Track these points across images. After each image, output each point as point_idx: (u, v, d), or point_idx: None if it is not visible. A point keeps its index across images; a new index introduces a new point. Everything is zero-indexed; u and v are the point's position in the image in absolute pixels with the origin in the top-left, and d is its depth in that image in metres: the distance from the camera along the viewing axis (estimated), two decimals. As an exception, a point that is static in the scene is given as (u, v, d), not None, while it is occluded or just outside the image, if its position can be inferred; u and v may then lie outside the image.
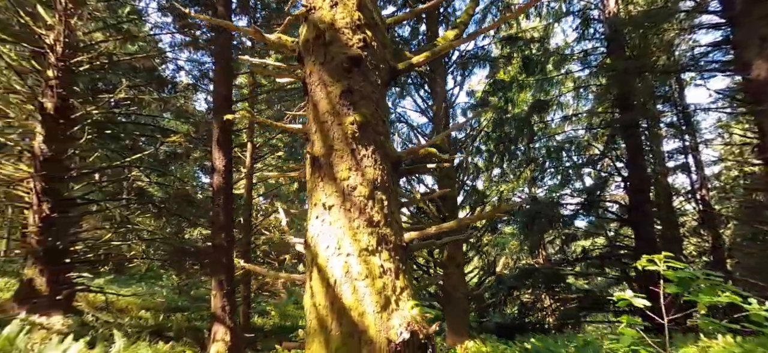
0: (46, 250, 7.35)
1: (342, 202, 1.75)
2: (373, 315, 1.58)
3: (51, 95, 8.11)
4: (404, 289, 1.74)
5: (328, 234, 1.75)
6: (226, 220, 5.60)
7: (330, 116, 1.86)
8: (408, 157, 2.08)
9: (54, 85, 8.09)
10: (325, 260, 1.72)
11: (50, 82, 8.09)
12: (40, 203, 7.59)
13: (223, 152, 5.71)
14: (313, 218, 1.83)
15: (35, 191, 7.63)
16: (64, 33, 8.42)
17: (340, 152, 1.81)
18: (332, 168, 1.80)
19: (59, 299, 7.50)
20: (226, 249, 5.51)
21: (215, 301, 5.29)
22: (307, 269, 1.88)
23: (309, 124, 1.99)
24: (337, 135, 1.83)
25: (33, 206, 7.77)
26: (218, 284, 5.35)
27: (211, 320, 5.36)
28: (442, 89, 7.86)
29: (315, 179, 1.86)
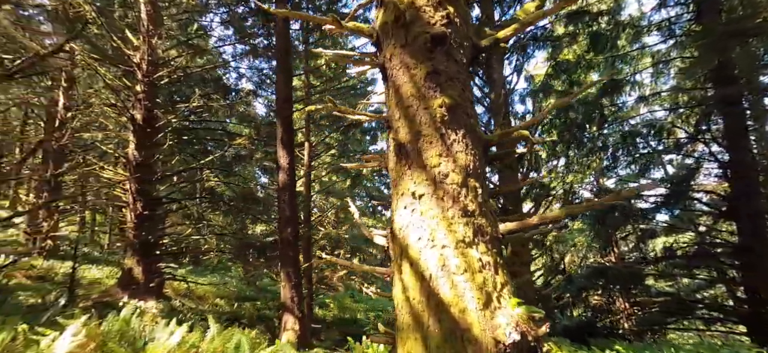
0: (141, 243, 8.42)
1: (433, 190, 1.63)
2: (476, 312, 1.45)
3: (139, 108, 9.23)
4: (504, 285, 1.58)
5: (419, 225, 1.64)
6: (292, 215, 5.86)
7: (415, 100, 1.75)
8: (500, 140, 1.90)
9: (141, 99, 9.19)
10: (417, 253, 1.62)
11: (139, 96, 9.20)
12: (135, 202, 8.71)
13: (287, 151, 5.98)
14: (401, 209, 1.74)
15: (131, 192, 8.77)
16: (147, 52, 9.51)
17: (428, 138, 1.69)
18: (421, 155, 1.69)
19: (152, 286, 8.55)
20: (292, 243, 5.78)
21: (284, 292, 5.58)
22: (394, 261, 1.80)
23: (390, 110, 1.90)
24: (424, 120, 1.71)
25: (129, 205, 8.94)
26: (286, 275, 5.63)
27: (280, 309, 5.67)
28: (500, 76, 7.38)
29: (401, 168, 1.76)
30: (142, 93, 9.09)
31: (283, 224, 5.72)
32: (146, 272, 8.49)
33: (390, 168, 1.88)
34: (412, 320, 1.57)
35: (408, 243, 1.67)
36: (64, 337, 2.04)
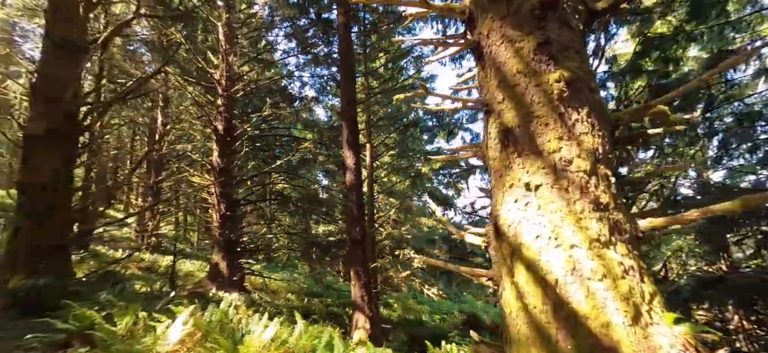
0: (225, 241, 9.36)
1: (554, 180, 1.38)
2: (624, 328, 1.17)
3: (221, 120, 10.27)
4: (654, 296, 1.27)
5: (536, 221, 1.41)
6: (359, 214, 5.94)
7: (523, 77, 1.52)
8: (632, 119, 1.57)
9: (222, 111, 10.22)
10: (535, 254, 1.39)
11: (220, 109, 10.26)
12: (219, 204, 9.72)
13: (353, 151, 6.09)
14: (511, 203, 1.52)
15: (216, 194, 9.81)
16: (225, 69, 10.53)
17: (543, 119, 1.45)
18: (534, 140, 1.46)
19: (235, 279, 9.45)
20: (360, 242, 5.85)
21: (354, 291, 5.67)
22: (501, 263, 1.59)
23: (489, 93, 1.69)
24: (536, 98, 1.48)
25: (214, 206, 10.01)
26: (355, 274, 5.71)
27: (352, 308, 5.77)
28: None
29: (508, 156, 1.54)
30: (223, 106, 10.11)
31: (351, 223, 5.81)
32: (230, 267, 9.41)
33: (491, 158, 1.67)
34: (532, 332, 1.34)
35: (521, 242, 1.45)
36: (175, 325, 2.25)
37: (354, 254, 5.76)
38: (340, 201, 11.67)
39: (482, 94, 1.77)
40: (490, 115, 1.69)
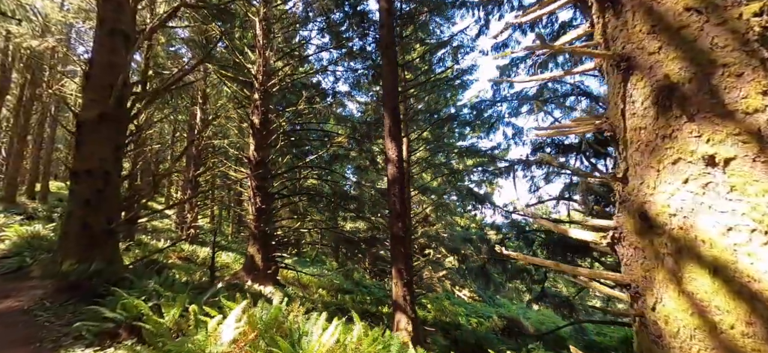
0: (260, 234, 9.43)
1: (759, 150, 0.98)
2: None
3: (257, 113, 10.35)
4: None
5: (724, 208, 1.01)
6: (402, 209, 5.64)
7: (697, 14, 1.12)
8: None
9: (259, 106, 10.30)
10: (728, 254, 0.99)
11: (256, 103, 10.34)
12: (254, 197, 9.81)
13: (396, 142, 5.80)
14: (675, 184, 1.13)
15: (251, 187, 9.91)
16: (262, 64, 10.60)
17: (733, 68, 1.04)
18: (719, 96, 1.05)
19: (269, 272, 9.50)
20: (403, 238, 5.55)
21: (396, 289, 5.37)
22: (651, 265, 1.19)
23: (631, 43, 1.29)
24: (721, 41, 1.07)
25: (250, 199, 10.12)
26: (398, 273, 5.42)
27: (392, 307, 5.49)
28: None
29: (669, 122, 1.15)
30: (259, 100, 10.19)
31: (394, 218, 5.52)
32: (264, 259, 9.46)
33: (634, 128, 1.28)
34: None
35: (697, 236, 1.06)
36: (228, 323, 2.06)
37: (396, 251, 5.47)
38: (372, 198, 11.45)
39: (615, 46, 1.38)
40: (633, 72, 1.29)
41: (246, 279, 9.07)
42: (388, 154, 5.73)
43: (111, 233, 4.36)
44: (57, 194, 18.90)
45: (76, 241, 4.13)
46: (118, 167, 4.63)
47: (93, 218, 4.23)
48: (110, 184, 4.44)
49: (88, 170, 4.28)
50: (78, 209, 4.21)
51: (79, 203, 4.23)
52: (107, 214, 4.36)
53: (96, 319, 2.55)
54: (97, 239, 4.23)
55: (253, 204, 9.68)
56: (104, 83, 4.51)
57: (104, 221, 4.31)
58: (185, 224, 15.59)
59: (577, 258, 8.57)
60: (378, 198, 12.17)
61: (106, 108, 4.45)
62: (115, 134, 4.55)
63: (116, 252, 4.51)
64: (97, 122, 4.38)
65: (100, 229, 4.24)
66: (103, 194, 4.33)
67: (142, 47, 8.46)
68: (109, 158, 4.44)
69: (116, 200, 4.54)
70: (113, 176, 4.49)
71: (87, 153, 4.33)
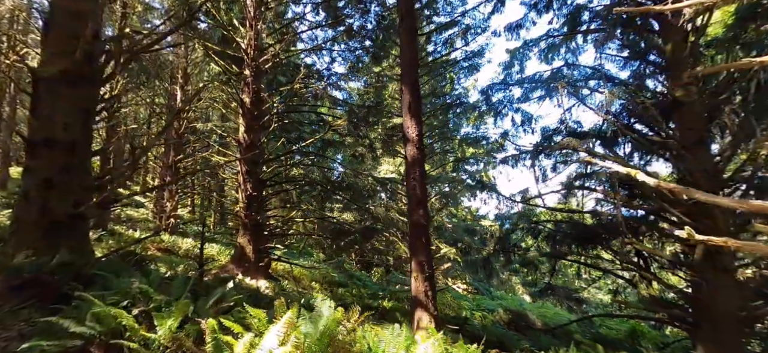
0: (252, 223, 8.62)
1: None
2: None
3: (248, 92, 9.41)
4: None
5: None
6: (423, 195, 5.04)
7: None
8: None
9: (250, 83, 9.37)
10: None
11: (247, 80, 9.41)
12: (245, 183, 8.95)
13: (416, 120, 5.17)
14: None
15: (242, 173, 9.03)
16: (254, 37, 9.64)
17: None
18: None
19: (261, 265, 8.73)
20: (424, 227, 4.96)
21: (416, 284, 4.79)
22: None
23: None
24: None
25: (240, 185, 9.26)
26: (419, 266, 4.84)
27: (411, 304, 4.91)
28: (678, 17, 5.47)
29: None
30: (251, 77, 9.26)
31: (414, 205, 4.91)
32: (256, 251, 8.68)
33: None
34: None
35: None
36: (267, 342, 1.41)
37: (417, 242, 4.87)
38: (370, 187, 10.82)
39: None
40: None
41: (236, 271, 8.27)
42: (408, 133, 5.08)
43: (79, 218, 3.54)
44: (18, 180, 17.19)
45: (33, 228, 3.30)
46: (88, 137, 3.78)
47: (55, 200, 3.39)
48: (77, 158, 3.60)
49: (48, 139, 3.42)
50: (36, 188, 3.36)
51: (36, 181, 3.38)
52: (74, 195, 3.52)
53: (58, 334, 1.82)
54: (61, 226, 3.40)
55: (244, 191, 8.84)
56: (68, 33, 3.63)
57: (70, 203, 3.48)
58: (164, 213, 14.44)
59: (587, 249, 8.28)
60: (375, 187, 11.54)
61: (71, 64, 3.58)
62: (82, 97, 3.69)
63: (85, 243, 3.69)
64: (59, 79, 3.51)
65: (64, 213, 3.42)
66: (68, 171, 3.49)
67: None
68: (76, 124, 3.59)
69: (85, 179, 3.70)
70: (81, 148, 3.65)
71: (46, 118, 3.46)
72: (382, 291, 11.64)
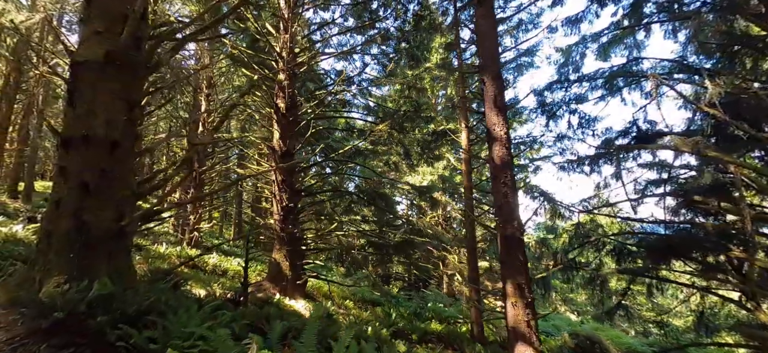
0: (289, 236, 7.90)
1: None
2: None
3: (282, 97, 8.85)
4: None
5: None
6: (515, 202, 4.21)
7: None
8: None
9: (285, 87, 8.80)
10: None
11: (282, 84, 8.84)
12: (281, 193, 8.28)
13: (502, 117, 4.38)
14: None
15: (277, 182, 8.38)
16: (289, 41, 9.13)
17: None
18: None
19: (299, 283, 7.97)
20: (520, 242, 4.11)
21: (515, 312, 3.91)
22: None
23: None
24: None
25: (274, 196, 8.60)
26: (516, 289, 3.97)
27: (508, 335, 4.03)
28: None
29: None
30: (286, 81, 8.69)
31: (506, 215, 4.07)
32: (293, 267, 7.94)
33: None
34: None
35: None
36: None
37: (512, 258, 4.01)
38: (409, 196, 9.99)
39: None
40: None
41: (273, 291, 7.51)
42: (494, 131, 4.29)
43: (121, 234, 2.84)
44: (44, 194, 17.08)
45: (66, 246, 2.61)
46: (131, 136, 3.12)
47: (93, 210, 2.71)
48: (119, 160, 2.93)
49: (86, 136, 2.76)
50: (69, 195, 2.69)
51: (71, 187, 2.71)
52: (115, 205, 2.84)
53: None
54: (99, 243, 2.71)
55: (279, 202, 8.15)
56: (113, 10, 3.01)
57: (111, 215, 2.79)
58: (187, 226, 13.90)
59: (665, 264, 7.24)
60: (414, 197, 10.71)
61: (117, 45, 2.95)
62: (127, 88, 3.05)
63: (128, 266, 2.98)
64: (103, 64, 2.87)
65: (103, 227, 2.73)
66: (108, 174, 2.81)
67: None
68: (118, 120, 2.93)
69: (128, 185, 3.02)
70: (124, 149, 2.98)
71: (85, 110, 2.82)
72: (421, 310, 10.69)
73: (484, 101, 4.58)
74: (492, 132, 4.33)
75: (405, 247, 11.49)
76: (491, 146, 4.35)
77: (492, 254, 10.27)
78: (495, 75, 4.45)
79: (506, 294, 4.02)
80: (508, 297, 3.98)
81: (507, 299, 4.01)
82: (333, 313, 7.27)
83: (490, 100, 4.38)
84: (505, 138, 4.29)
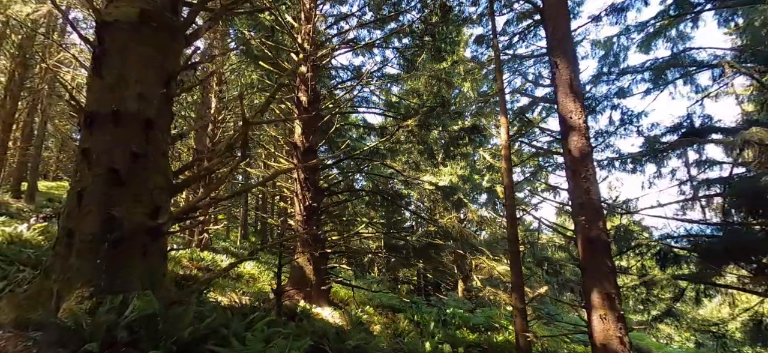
0: (313, 238, 7.35)
1: None
2: None
3: (304, 89, 8.33)
4: None
5: None
6: (599, 199, 3.64)
7: None
8: None
9: (307, 80, 8.28)
10: None
11: (304, 77, 8.33)
12: (303, 192, 7.74)
13: (579, 102, 3.82)
14: None
15: (299, 180, 7.85)
16: (311, 32, 8.62)
17: None
18: None
19: (323, 289, 7.40)
20: (606, 245, 3.53)
21: (605, 326, 3.31)
22: None
23: None
24: None
25: (296, 195, 8.06)
26: (605, 299, 3.39)
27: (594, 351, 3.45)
28: None
29: None
30: (309, 72, 8.17)
31: (590, 213, 3.49)
32: (317, 272, 7.38)
33: None
34: None
35: None
36: None
37: (598, 263, 3.43)
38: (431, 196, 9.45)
39: None
40: None
41: (297, 297, 6.94)
42: (570, 119, 3.72)
43: (156, 235, 2.29)
44: (48, 195, 16.56)
45: (91, 250, 2.07)
46: (168, 114, 2.58)
47: (125, 204, 2.16)
48: (154, 143, 2.38)
49: (116, 112, 2.22)
50: (96, 186, 2.15)
51: (98, 174, 2.17)
52: (150, 198, 2.29)
53: None
54: (132, 246, 2.16)
55: (302, 202, 7.59)
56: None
57: (145, 211, 2.25)
58: (197, 227, 13.34)
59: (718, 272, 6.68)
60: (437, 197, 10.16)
61: (153, 4, 2.41)
62: (164, 54, 2.51)
63: (163, 275, 2.43)
64: (137, 24, 2.33)
65: (136, 227, 2.18)
66: (142, 161, 2.27)
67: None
68: (154, 94, 2.39)
69: (164, 174, 2.47)
70: (159, 129, 2.43)
71: (115, 79, 2.28)
72: (445, 317, 10.10)
73: (555, 87, 4.04)
74: (568, 121, 3.77)
75: (426, 250, 10.92)
76: (567, 136, 3.79)
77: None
78: (569, 56, 3.91)
79: (592, 306, 3.44)
80: (594, 308, 3.40)
81: (592, 311, 3.44)
82: (364, 322, 6.69)
83: (564, 84, 3.82)
84: (584, 127, 3.73)
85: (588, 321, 3.61)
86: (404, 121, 9.68)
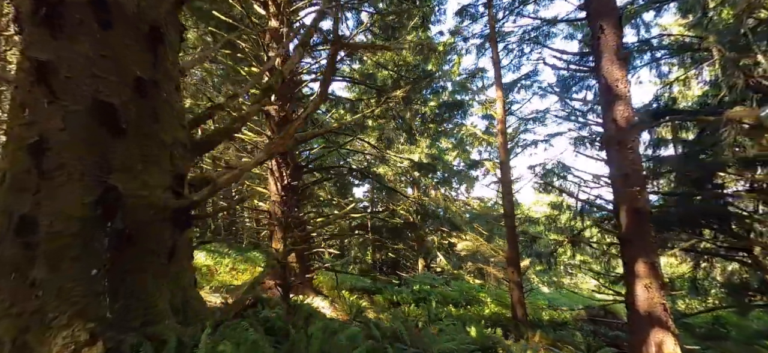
0: (293, 221, 6.41)
1: None
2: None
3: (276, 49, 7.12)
4: None
5: None
6: (639, 168, 3.51)
7: None
8: None
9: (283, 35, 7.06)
10: None
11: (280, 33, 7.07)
12: (280, 169, 6.68)
13: (624, 68, 3.60)
14: None
15: (275, 159, 6.75)
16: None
17: None
18: None
19: (308, 277, 6.57)
20: (648, 216, 3.44)
21: (649, 295, 3.26)
22: None
23: None
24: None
25: (272, 172, 6.94)
26: (648, 268, 3.34)
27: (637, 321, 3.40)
28: None
29: None
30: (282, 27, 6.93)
31: (634, 183, 3.38)
32: (300, 259, 6.51)
33: None
34: None
35: None
36: None
37: (643, 234, 3.36)
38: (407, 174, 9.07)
39: None
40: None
41: (276, 288, 6.03)
42: (615, 88, 3.50)
43: (183, 222, 1.42)
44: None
45: (78, 252, 1.15)
46: (176, 26, 1.63)
47: (132, 171, 1.26)
48: (164, 70, 1.46)
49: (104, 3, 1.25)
50: (73, 132, 1.20)
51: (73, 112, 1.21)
52: (168, 163, 1.39)
53: None
54: (150, 243, 1.28)
55: (278, 180, 6.56)
56: None
57: (164, 182, 1.35)
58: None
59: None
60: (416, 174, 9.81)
61: None
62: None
63: (192, 285, 1.57)
64: None
65: (153, 207, 1.30)
66: (152, 96, 1.35)
67: None
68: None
69: (182, 123, 1.56)
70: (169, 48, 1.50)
71: None
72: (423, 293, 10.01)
73: (598, 54, 3.81)
74: (614, 89, 3.59)
75: (402, 230, 10.62)
76: (612, 105, 3.62)
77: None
78: (615, 21, 3.69)
79: (636, 275, 3.43)
80: (638, 278, 3.40)
81: (637, 281, 3.43)
82: (363, 310, 6.12)
83: (610, 50, 3.61)
84: (628, 95, 3.59)
85: (629, 291, 3.60)
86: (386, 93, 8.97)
